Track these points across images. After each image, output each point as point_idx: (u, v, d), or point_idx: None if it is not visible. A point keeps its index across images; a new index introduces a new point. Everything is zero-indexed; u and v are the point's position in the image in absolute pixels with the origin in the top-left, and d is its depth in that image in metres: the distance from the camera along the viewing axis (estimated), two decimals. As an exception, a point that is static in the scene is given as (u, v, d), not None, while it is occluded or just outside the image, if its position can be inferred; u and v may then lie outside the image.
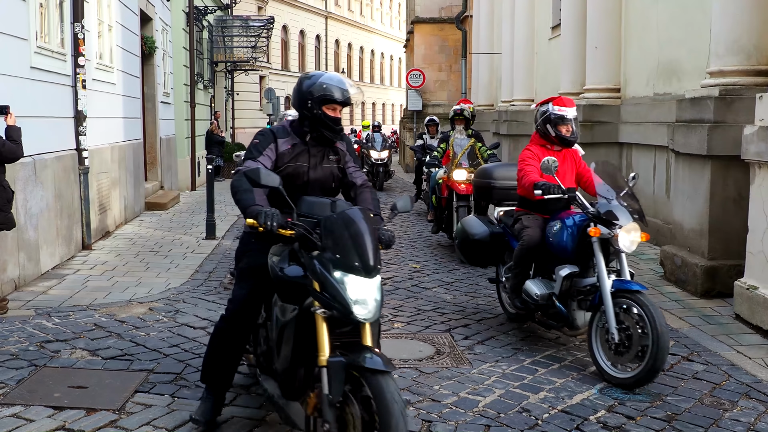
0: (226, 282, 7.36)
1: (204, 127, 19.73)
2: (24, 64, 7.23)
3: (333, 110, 3.74)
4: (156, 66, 14.09)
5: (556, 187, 5.07)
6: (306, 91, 3.74)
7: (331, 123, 3.75)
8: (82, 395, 4.31)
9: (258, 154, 3.72)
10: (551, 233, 5.23)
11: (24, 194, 6.95)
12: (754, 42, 6.58)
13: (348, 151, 4.00)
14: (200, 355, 5.07)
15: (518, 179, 5.51)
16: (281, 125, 3.95)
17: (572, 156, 5.62)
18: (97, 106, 9.63)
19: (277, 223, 3.29)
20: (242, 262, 3.87)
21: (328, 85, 3.69)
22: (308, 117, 3.76)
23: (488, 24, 19.69)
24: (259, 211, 3.33)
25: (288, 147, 3.79)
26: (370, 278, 3.09)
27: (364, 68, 51.86)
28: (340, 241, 3.12)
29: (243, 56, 24.40)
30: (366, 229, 3.16)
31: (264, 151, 3.74)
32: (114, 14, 10.90)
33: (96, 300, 6.53)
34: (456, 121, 9.67)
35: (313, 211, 3.46)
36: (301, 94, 3.78)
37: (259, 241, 3.71)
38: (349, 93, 3.74)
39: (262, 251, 3.68)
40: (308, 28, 43.09)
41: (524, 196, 5.52)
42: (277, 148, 3.78)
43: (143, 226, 11.09)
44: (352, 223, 3.17)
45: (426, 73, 24.39)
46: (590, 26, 10.91)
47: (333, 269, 3.08)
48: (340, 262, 3.09)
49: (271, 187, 3.39)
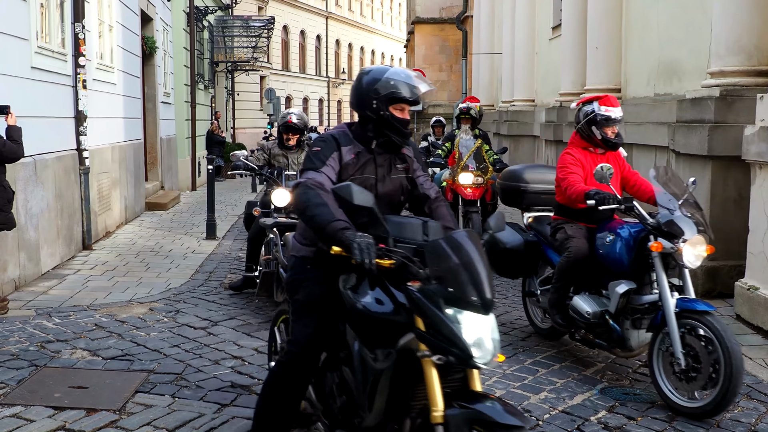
0: (227, 282, 7.36)
1: (204, 127, 19.73)
2: (25, 64, 7.23)
3: (401, 110, 3.19)
4: (156, 66, 14.09)
5: (612, 198, 4.60)
6: (369, 89, 3.17)
7: (400, 126, 3.20)
8: (83, 395, 4.31)
9: (321, 164, 3.11)
10: (602, 245, 4.79)
11: (24, 194, 6.95)
12: (754, 42, 6.58)
13: (415, 158, 3.40)
14: (201, 356, 5.08)
15: (560, 185, 5.05)
16: (341, 130, 3.30)
17: (616, 159, 5.16)
18: (97, 106, 9.63)
19: (375, 257, 2.71)
20: (300, 294, 3.23)
21: (396, 82, 3.14)
22: (373, 120, 3.18)
23: (489, 24, 19.70)
24: (350, 240, 2.73)
25: (352, 156, 3.20)
26: (487, 315, 2.58)
27: (365, 68, 51.82)
28: (450, 272, 2.59)
29: (243, 56, 24.42)
30: (479, 256, 2.64)
31: (327, 161, 3.13)
32: (114, 14, 10.90)
33: (96, 300, 6.53)
34: (462, 119, 9.07)
35: (404, 234, 2.93)
36: (362, 93, 3.20)
37: (317, 268, 3.19)
38: (420, 90, 3.18)
39: (322, 280, 3.15)
40: (309, 28, 43.09)
41: (565, 204, 5.09)
42: (341, 157, 3.18)
43: (144, 226, 11.09)
44: (462, 250, 2.63)
45: (426, 73, 24.31)
46: (591, 26, 10.91)
47: (444, 305, 2.56)
48: (452, 296, 2.55)
49: (365, 207, 2.84)
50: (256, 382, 4.60)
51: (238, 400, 4.30)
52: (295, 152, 6.84)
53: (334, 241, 2.80)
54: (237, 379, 4.65)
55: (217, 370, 4.80)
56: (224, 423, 3.97)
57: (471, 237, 2.72)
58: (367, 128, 3.23)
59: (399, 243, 2.86)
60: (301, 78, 41.73)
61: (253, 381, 4.62)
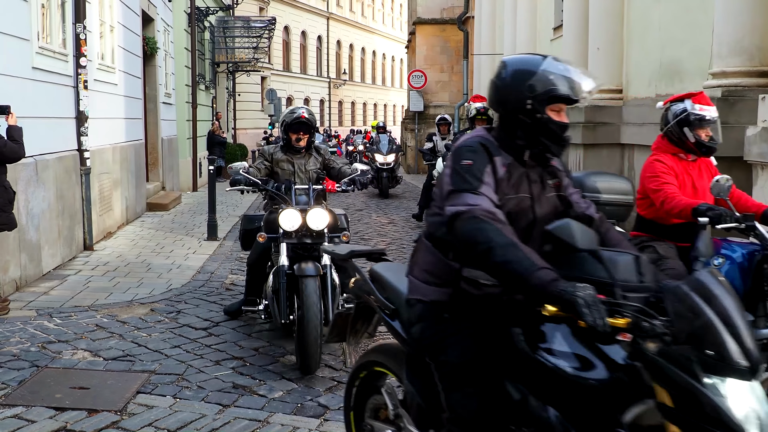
0: (228, 283, 7.35)
1: (205, 127, 19.74)
2: (26, 64, 7.23)
3: (558, 112, 2.52)
4: (158, 67, 14.10)
5: (730, 215, 3.97)
6: (521, 86, 2.49)
7: (560, 132, 2.54)
8: (84, 396, 4.30)
9: (478, 183, 2.41)
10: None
11: (25, 195, 6.94)
12: (756, 43, 6.57)
13: (564, 170, 2.74)
14: (202, 356, 5.07)
15: (647, 197, 4.52)
16: (483, 136, 2.59)
17: (708, 167, 4.55)
18: (98, 107, 9.63)
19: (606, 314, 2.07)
20: (448, 355, 2.50)
21: (556, 76, 2.47)
22: (526, 124, 2.52)
23: (490, 25, 19.69)
24: (571, 296, 2.07)
25: (504, 170, 2.52)
26: (753, 380, 2.01)
27: (366, 69, 51.86)
28: (706, 329, 1.99)
29: (244, 57, 24.43)
30: (734, 305, 2.05)
31: (483, 178, 2.43)
32: (116, 15, 10.91)
33: (97, 301, 6.52)
34: (477, 121, 8.45)
35: (621, 274, 2.25)
36: (511, 90, 2.53)
37: (461, 320, 2.52)
38: (584, 87, 2.50)
39: (473, 334, 2.49)
40: (310, 29, 43.10)
41: (652, 219, 4.56)
42: (495, 171, 2.49)
43: (145, 226, 11.09)
44: (716, 299, 2.03)
45: (428, 74, 24.39)
46: (592, 27, 10.90)
47: (702, 373, 1.98)
48: (711, 361, 1.97)
49: (590, 251, 2.28)
50: (257, 382, 4.61)
51: (239, 401, 4.29)
52: (302, 157, 5.66)
53: (544, 296, 2.15)
54: (238, 379, 4.65)
55: (219, 370, 4.80)
56: (226, 424, 3.96)
57: (719, 280, 2.12)
58: (515, 134, 2.55)
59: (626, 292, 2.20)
60: (302, 79, 41.74)
61: (254, 382, 4.62)
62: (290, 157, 5.65)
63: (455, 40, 24.39)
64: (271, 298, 5.13)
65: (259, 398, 4.35)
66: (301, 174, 5.61)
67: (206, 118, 20.20)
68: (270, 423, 4.00)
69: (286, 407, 4.24)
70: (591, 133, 10.39)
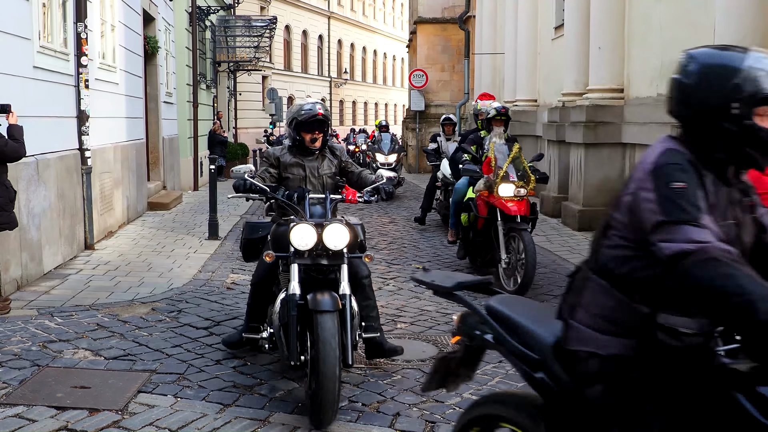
0: (229, 282, 7.35)
1: (207, 127, 19.74)
2: (27, 63, 7.23)
3: (762, 117, 2.05)
4: (159, 66, 14.10)
5: None
6: (725, 86, 2.04)
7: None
8: (85, 395, 4.30)
9: (697, 212, 1.93)
10: None
11: (27, 194, 6.94)
12: (758, 42, 6.56)
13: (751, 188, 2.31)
14: (203, 356, 5.07)
15: None
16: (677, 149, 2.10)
17: None
18: (99, 106, 9.63)
19: None
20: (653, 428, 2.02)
21: (766, 72, 2.02)
22: (731, 133, 2.05)
23: (491, 24, 19.69)
24: None
25: (712, 190, 2.08)
26: None
27: (367, 68, 51.87)
28: None
29: (245, 56, 24.44)
30: None
31: (701, 204, 1.95)
32: (117, 14, 10.91)
33: (98, 300, 6.53)
34: (494, 122, 7.90)
35: None
36: (710, 91, 2.08)
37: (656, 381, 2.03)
38: None
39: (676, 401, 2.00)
40: (311, 28, 43.11)
41: None
42: (708, 195, 2.02)
43: (146, 226, 11.09)
44: None
45: (429, 73, 24.40)
46: (593, 26, 10.91)
47: None
48: None
49: None
50: (258, 382, 4.60)
51: (240, 400, 4.29)
52: (314, 159, 4.84)
53: None
54: (239, 379, 4.65)
55: (220, 370, 4.80)
56: (227, 423, 3.96)
57: None
58: (714, 145, 2.08)
59: None
60: (303, 78, 41.76)
61: (255, 381, 4.62)
62: (301, 159, 4.81)
63: (456, 39, 24.40)
64: (278, 328, 4.31)
65: (260, 398, 4.34)
66: (314, 179, 4.80)
67: (207, 117, 20.21)
68: (271, 422, 4.00)
69: (287, 407, 4.23)
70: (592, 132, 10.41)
